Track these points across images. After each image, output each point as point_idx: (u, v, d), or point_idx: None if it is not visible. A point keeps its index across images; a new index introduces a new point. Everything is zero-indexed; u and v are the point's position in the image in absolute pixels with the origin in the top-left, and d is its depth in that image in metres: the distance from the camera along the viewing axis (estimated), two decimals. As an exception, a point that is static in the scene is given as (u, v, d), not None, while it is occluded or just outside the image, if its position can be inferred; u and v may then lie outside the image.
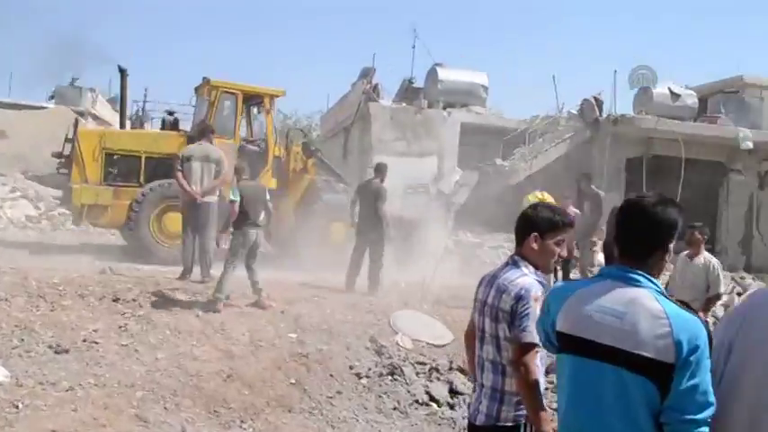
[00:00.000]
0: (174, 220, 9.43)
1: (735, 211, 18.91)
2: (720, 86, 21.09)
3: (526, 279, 2.87)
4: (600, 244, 9.71)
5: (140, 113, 28.13)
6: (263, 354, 6.46)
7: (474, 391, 3.10)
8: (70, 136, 10.67)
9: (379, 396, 6.13)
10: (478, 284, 3.13)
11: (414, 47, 20.37)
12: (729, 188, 18.88)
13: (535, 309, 2.79)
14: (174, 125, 11.58)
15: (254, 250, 7.92)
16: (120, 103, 11.85)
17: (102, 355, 5.73)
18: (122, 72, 11.17)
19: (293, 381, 5.97)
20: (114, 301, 7.30)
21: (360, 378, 6.44)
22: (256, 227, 7.90)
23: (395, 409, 6.00)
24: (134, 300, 7.39)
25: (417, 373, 6.69)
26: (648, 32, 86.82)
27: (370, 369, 6.58)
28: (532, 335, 2.76)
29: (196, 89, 12.02)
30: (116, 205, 9.89)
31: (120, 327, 6.53)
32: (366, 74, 18.38)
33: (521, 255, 3.00)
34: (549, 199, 9.51)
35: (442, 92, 18.00)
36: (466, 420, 6.15)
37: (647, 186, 16.75)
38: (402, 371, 6.56)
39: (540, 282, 2.91)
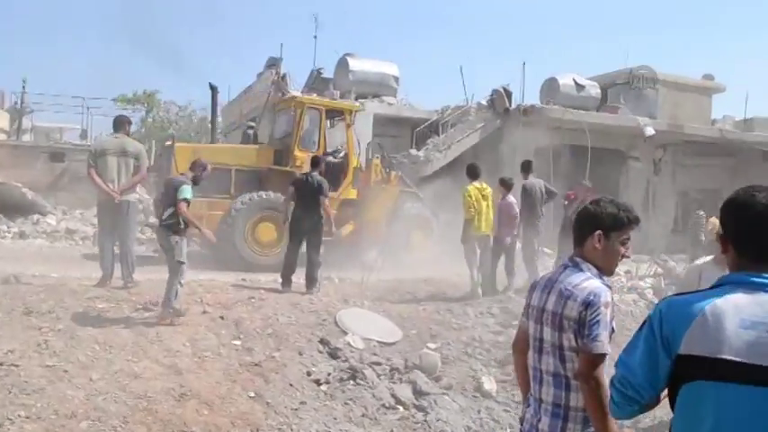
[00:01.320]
0: (267, 230, 10.40)
1: (633, 196, 19.76)
2: (613, 78, 22.05)
3: (593, 282, 2.57)
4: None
5: (18, 106, 25.84)
6: (211, 365, 5.84)
7: (527, 405, 2.76)
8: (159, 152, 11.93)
9: (345, 403, 5.68)
10: (530, 289, 2.83)
11: (315, 36, 19.88)
12: (628, 174, 19.79)
13: (606, 315, 2.51)
14: (255, 138, 12.18)
15: (167, 254, 6.80)
16: (212, 117, 12.60)
17: (26, 380, 4.92)
18: (213, 89, 11.68)
19: (252, 394, 5.39)
20: (26, 314, 6.40)
21: (319, 385, 5.95)
22: (162, 228, 6.86)
23: (363, 415, 5.57)
24: (50, 312, 6.51)
25: (379, 375, 6.29)
26: (550, 25, 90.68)
27: (329, 374, 6.11)
28: (604, 345, 2.50)
29: (272, 102, 13.10)
30: (210, 216, 10.05)
31: (40, 344, 5.68)
32: (273, 63, 17.72)
33: (581, 256, 2.69)
34: (489, 189, 9.38)
35: (353, 82, 17.63)
36: (440, 422, 5.90)
37: (554, 175, 17.18)
38: (363, 374, 6.14)
39: (606, 285, 2.62)
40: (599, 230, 2.63)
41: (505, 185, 9.55)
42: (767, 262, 1.85)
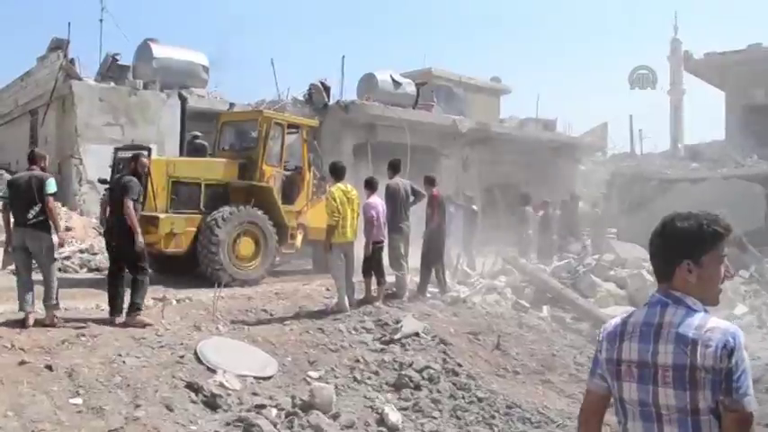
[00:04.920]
0: (247, 244, 10.18)
1: (445, 193, 20.23)
2: (412, 77, 22.46)
3: (720, 322, 1.98)
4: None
5: None
6: (56, 443, 4.26)
7: None
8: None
9: (251, 471, 4.47)
10: (615, 339, 2.11)
11: (101, 20, 17.42)
12: (441, 172, 20.17)
13: (747, 362, 1.94)
14: (204, 149, 11.76)
15: (40, 254, 6.60)
16: (181, 129, 11.95)
17: None
18: (183, 99, 11.84)
19: (131, 481, 3.98)
20: None
21: (207, 450, 4.66)
22: (29, 227, 6.50)
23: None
24: None
25: (276, 426, 5.13)
26: (366, 26, 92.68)
27: (217, 433, 4.82)
28: (754, 399, 1.93)
29: (221, 116, 12.44)
30: (187, 232, 9.91)
31: None
32: (59, 46, 15.08)
33: (675, 289, 2.05)
34: (354, 192, 8.49)
35: (157, 71, 15.67)
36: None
37: (373, 171, 16.87)
38: (259, 427, 4.93)
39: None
40: (686, 260, 2.01)
41: (369, 186, 8.75)
42: None
